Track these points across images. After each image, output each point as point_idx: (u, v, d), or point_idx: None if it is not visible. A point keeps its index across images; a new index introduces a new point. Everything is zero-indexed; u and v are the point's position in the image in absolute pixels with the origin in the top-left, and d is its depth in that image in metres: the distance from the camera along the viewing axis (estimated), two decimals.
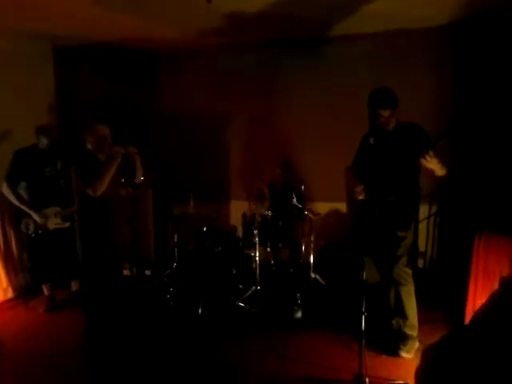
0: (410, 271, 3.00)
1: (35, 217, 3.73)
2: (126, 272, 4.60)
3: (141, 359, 3.06)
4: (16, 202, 3.73)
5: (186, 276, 4.34)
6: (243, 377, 2.82)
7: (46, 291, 4.01)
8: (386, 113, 2.83)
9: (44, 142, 3.81)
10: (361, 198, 2.95)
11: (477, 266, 3.12)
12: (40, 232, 3.78)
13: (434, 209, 4.63)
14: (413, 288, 3.00)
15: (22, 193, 3.79)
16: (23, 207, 3.73)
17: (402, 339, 2.98)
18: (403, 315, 3.00)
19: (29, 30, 4.36)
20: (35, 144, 3.84)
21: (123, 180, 3.32)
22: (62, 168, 3.89)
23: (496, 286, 2.75)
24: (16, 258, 4.35)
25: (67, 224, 3.83)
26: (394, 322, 3.10)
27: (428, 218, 4.62)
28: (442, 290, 3.91)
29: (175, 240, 4.62)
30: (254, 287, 3.87)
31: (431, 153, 2.52)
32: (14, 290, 4.28)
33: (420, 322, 3.04)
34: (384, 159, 2.92)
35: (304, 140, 5.10)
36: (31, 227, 3.78)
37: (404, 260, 2.96)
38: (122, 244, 3.51)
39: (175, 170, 5.50)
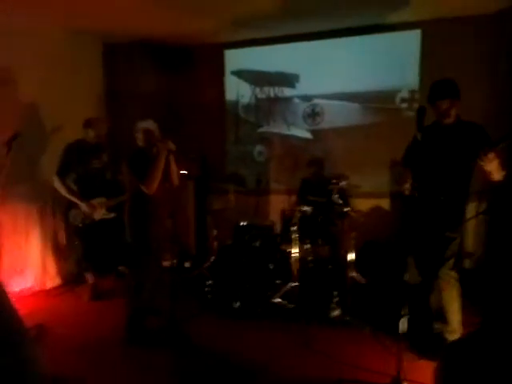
0: (456, 275, 2.85)
1: (83, 207, 3.88)
2: (166, 263, 4.70)
3: (178, 350, 3.11)
4: (66, 194, 3.90)
5: (224, 270, 4.38)
6: (275, 373, 2.80)
7: (90, 280, 4.17)
8: (444, 104, 2.69)
9: (91, 134, 3.96)
10: (407, 193, 2.80)
11: None
12: (87, 222, 3.93)
13: (483, 207, 4.39)
14: (458, 292, 2.84)
15: (71, 184, 3.95)
16: (72, 198, 3.90)
17: (443, 345, 2.83)
18: (445, 320, 2.86)
19: (80, 27, 4.54)
20: (84, 138, 3.99)
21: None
22: (108, 161, 4.03)
23: None
24: (64, 246, 4.57)
25: (112, 215, 3.96)
26: (436, 325, 2.96)
27: (476, 216, 4.38)
28: (490, 292, 3.71)
29: (214, 234, 4.67)
30: (291, 283, 3.84)
31: (492, 154, 2.37)
32: (63, 277, 4.50)
33: (465, 325, 2.88)
34: (438, 156, 2.77)
35: (355, 133, 5.01)
36: (79, 218, 3.94)
37: (451, 262, 2.82)
38: (164, 237, 3.58)
39: (216, 163, 5.56)
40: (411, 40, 4.66)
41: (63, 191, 3.89)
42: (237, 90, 5.54)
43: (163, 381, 2.76)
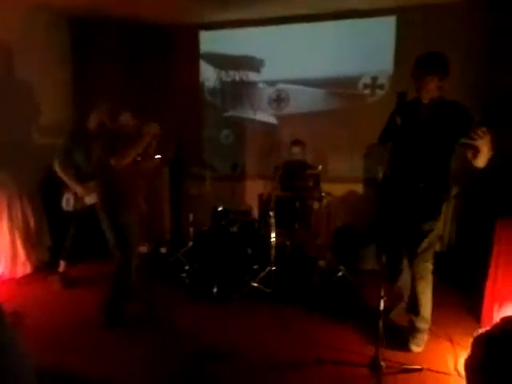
0: (431, 267, 2.80)
1: (78, 190, 3.82)
2: (142, 249, 4.64)
3: (157, 335, 3.08)
4: (64, 177, 3.84)
5: (201, 255, 4.35)
6: (254, 356, 2.81)
7: (61, 267, 4.07)
8: (432, 78, 2.53)
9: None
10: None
11: (498, 252, 3.01)
12: (78, 208, 3.88)
13: (455, 191, 4.50)
14: (430, 284, 2.82)
15: (70, 168, 3.88)
16: (70, 181, 3.83)
17: (411, 333, 2.86)
18: (416, 310, 2.85)
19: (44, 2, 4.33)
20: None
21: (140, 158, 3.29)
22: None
23: None
24: (34, 233, 4.43)
25: None
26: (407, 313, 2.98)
27: (449, 199, 4.49)
28: (460, 274, 3.84)
29: (190, 219, 4.62)
30: (269, 267, 3.86)
31: (484, 128, 2.25)
32: (33, 265, 4.37)
33: (436, 306, 2.90)
34: (416, 139, 2.63)
35: (320, 118, 5.01)
36: (71, 203, 3.88)
37: (426, 255, 2.76)
38: (139, 221, 3.51)
39: (192, 147, 5.48)
40: (384, 26, 4.67)
41: (62, 174, 3.84)
42: (202, 73, 5.46)
43: (142, 366, 2.73)
